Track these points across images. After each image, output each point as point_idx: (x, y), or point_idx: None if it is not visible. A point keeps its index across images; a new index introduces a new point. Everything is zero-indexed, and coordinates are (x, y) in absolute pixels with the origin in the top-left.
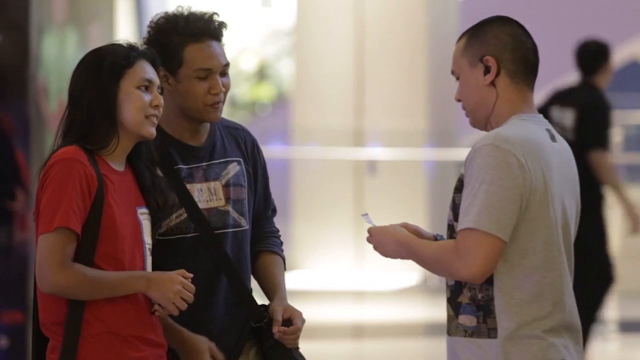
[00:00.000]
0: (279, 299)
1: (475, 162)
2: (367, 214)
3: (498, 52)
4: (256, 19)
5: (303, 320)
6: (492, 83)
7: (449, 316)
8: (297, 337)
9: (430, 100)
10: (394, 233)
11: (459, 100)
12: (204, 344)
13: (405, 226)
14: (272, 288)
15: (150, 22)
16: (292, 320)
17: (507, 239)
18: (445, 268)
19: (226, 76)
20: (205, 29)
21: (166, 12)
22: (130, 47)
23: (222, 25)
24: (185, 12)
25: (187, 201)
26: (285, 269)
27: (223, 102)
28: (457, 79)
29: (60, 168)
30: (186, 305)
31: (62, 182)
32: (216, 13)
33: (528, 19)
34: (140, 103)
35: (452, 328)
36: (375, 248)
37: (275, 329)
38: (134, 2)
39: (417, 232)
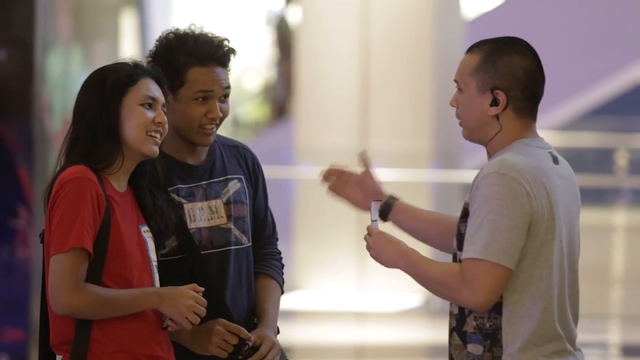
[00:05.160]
0: (261, 327)
1: (480, 190)
2: (379, 202)
3: (510, 87)
4: (260, 38)
5: (273, 347)
6: (496, 116)
7: (456, 345)
8: None
9: (435, 121)
10: (396, 243)
11: (453, 106)
12: (211, 323)
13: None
14: (260, 315)
15: (160, 36)
16: (260, 347)
17: (514, 267)
18: (449, 293)
19: (225, 102)
20: (212, 54)
21: (177, 29)
22: (135, 65)
23: (230, 51)
24: (196, 33)
25: (177, 223)
26: (282, 292)
27: (218, 126)
28: (458, 88)
29: (72, 187)
30: (199, 320)
31: (74, 201)
32: (227, 39)
33: (533, 40)
34: (142, 120)
35: (461, 357)
36: (371, 250)
37: None
38: (138, 20)
39: (377, 189)
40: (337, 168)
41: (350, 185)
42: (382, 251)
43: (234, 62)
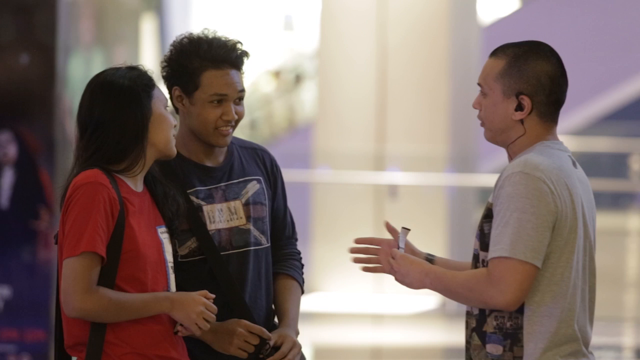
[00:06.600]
0: (282, 327)
1: (504, 190)
2: (408, 230)
3: (535, 92)
4: (278, 42)
5: (294, 346)
6: (521, 120)
7: (475, 345)
8: None
9: (451, 125)
10: (419, 263)
11: (476, 108)
12: (233, 324)
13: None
14: (281, 315)
15: (174, 41)
16: (281, 346)
17: (540, 265)
18: (478, 297)
19: (240, 104)
20: (226, 56)
21: (191, 34)
22: (145, 72)
23: (243, 54)
24: (210, 37)
25: (196, 224)
26: (302, 292)
27: (233, 128)
28: (482, 92)
29: (84, 192)
30: (209, 326)
31: (86, 205)
32: (240, 42)
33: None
34: (168, 123)
35: (480, 358)
36: (397, 274)
37: None
38: (158, 25)
39: (414, 251)
40: (365, 240)
41: (382, 253)
42: (406, 273)
43: (248, 65)
